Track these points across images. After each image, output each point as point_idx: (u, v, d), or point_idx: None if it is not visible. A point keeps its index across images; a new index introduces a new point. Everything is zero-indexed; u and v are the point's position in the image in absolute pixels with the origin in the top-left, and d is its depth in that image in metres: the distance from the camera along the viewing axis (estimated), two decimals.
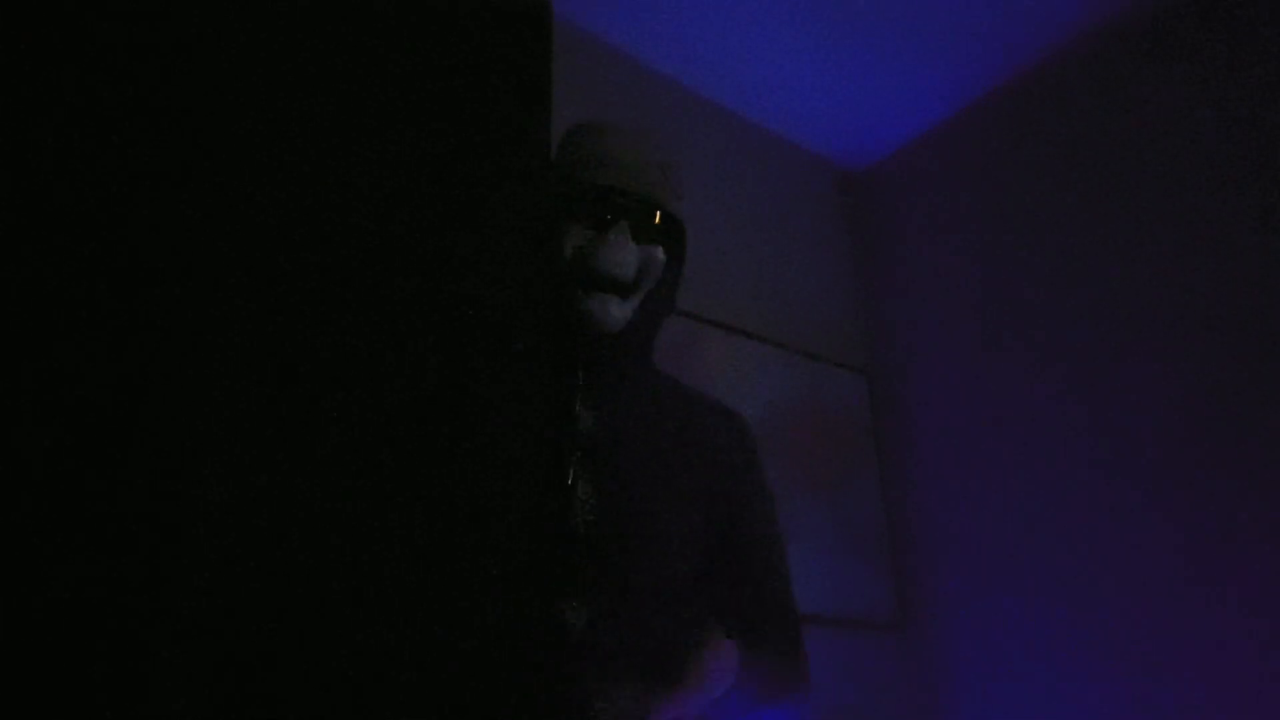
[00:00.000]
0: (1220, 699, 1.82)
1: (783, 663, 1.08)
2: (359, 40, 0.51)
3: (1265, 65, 2.03)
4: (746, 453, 1.15)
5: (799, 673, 1.10)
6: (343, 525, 0.43)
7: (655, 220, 1.07)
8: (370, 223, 0.49)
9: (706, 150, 2.56)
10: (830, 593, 2.29)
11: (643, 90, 2.48)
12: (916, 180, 2.75)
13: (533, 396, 0.51)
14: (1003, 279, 2.44)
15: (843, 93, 2.61)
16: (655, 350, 1.16)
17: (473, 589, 0.47)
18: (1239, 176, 2.03)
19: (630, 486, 1.02)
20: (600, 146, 1.07)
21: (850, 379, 2.63)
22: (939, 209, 2.66)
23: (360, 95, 0.50)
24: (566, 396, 1.05)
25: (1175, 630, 1.91)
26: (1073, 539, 2.13)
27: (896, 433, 2.59)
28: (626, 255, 1.03)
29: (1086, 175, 2.32)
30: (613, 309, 1.04)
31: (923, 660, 2.36)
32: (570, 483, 0.99)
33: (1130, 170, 2.23)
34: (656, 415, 1.11)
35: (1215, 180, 2.07)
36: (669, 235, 1.09)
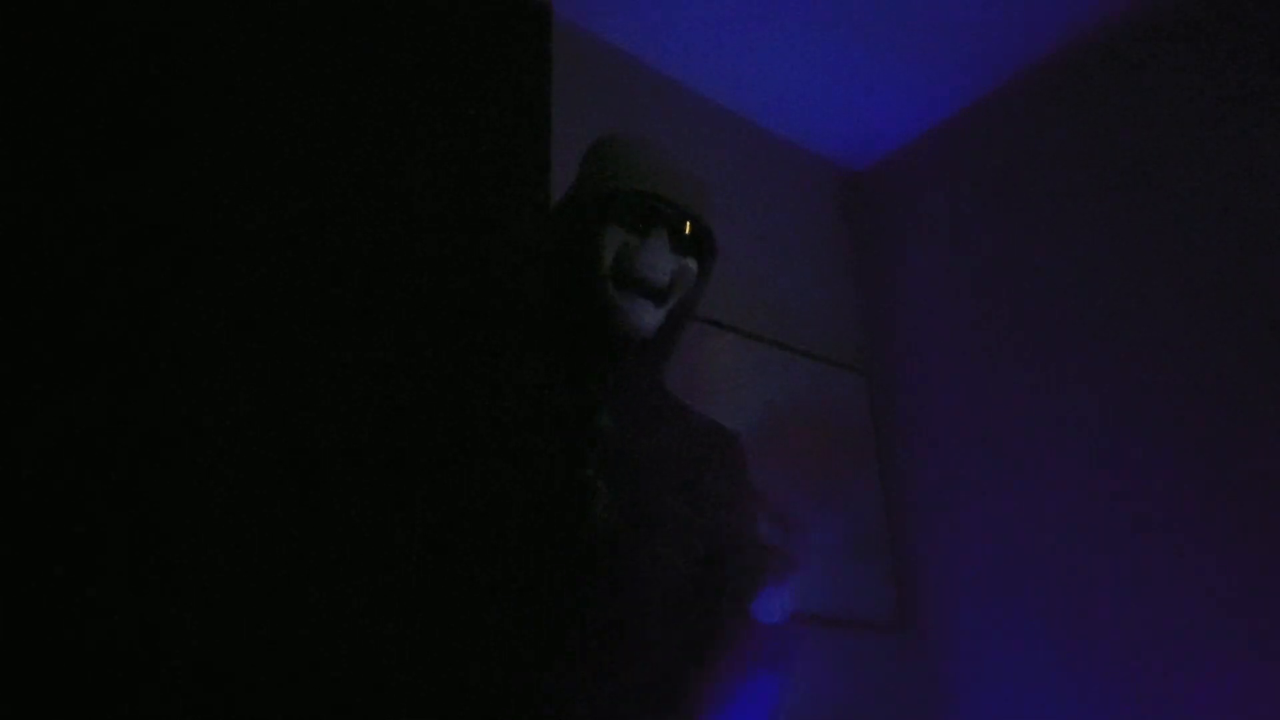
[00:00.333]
0: (1220, 698, 1.82)
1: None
2: (359, 40, 0.51)
3: (1266, 65, 2.03)
4: (740, 470, 1.21)
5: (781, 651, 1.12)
6: (343, 525, 0.43)
7: (692, 232, 1.10)
8: (370, 222, 0.49)
9: (707, 150, 2.56)
10: (830, 593, 2.29)
11: (643, 91, 2.48)
12: (916, 181, 2.75)
13: (531, 396, 0.51)
14: (1003, 279, 2.44)
15: (843, 93, 2.61)
16: (672, 362, 1.20)
17: (472, 589, 0.47)
18: (1240, 176, 2.03)
19: (643, 489, 1.05)
20: (644, 156, 1.10)
21: (850, 379, 2.63)
22: (939, 209, 2.66)
23: (360, 95, 0.50)
24: (591, 400, 1.07)
25: (1175, 630, 1.91)
26: (1073, 539, 2.13)
27: (896, 433, 2.59)
28: (665, 262, 1.06)
29: (1087, 175, 2.32)
30: (647, 314, 1.07)
31: (923, 660, 2.36)
32: (592, 483, 1.01)
33: (1132, 170, 2.23)
34: (664, 424, 1.15)
35: (1217, 180, 2.07)
36: (702, 249, 1.12)
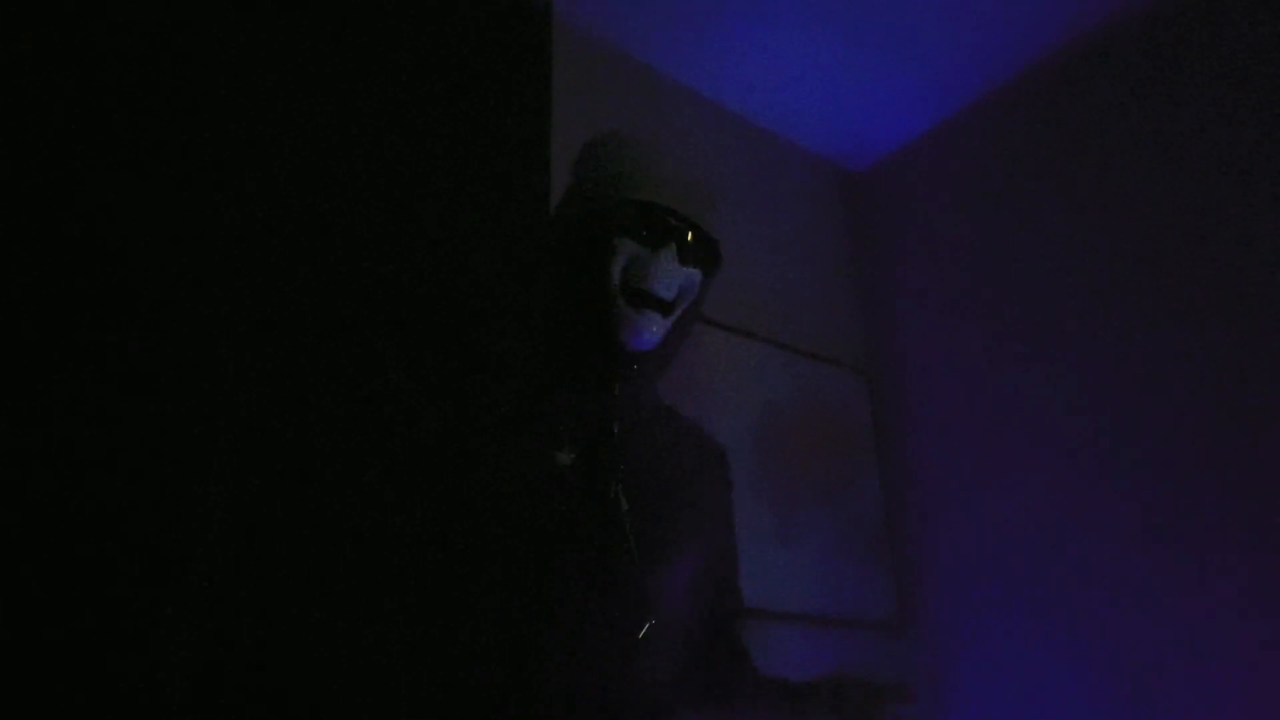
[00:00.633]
0: (1220, 698, 1.82)
1: (731, 666, 1.18)
2: (359, 40, 0.51)
3: (1266, 65, 2.03)
4: (725, 477, 1.26)
5: (743, 676, 1.19)
6: (341, 526, 0.43)
7: (700, 245, 1.11)
8: (370, 222, 0.49)
9: (707, 150, 2.56)
10: (830, 593, 2.29)
11: (643, 91, 2.48)
12: (917, 181, 2.75)
13: (530, 396, 0.51)
14: (1003, 279, 2.44)
15: (843, 93, 2.61)
16: (670, 370, 1.22)
17: (472, 589, 0.47)
18: (1240, 176, 2.03)
19: (653, 495, 1.08)
20: (652, 164, 1.10)
21: (850, 379, 2.63)
22: (939, 209, 2.66)
23: (360, 94, 0.50)
24: (605, 411, 1.08)
25: (1175, 630, 1.91)
26: (1073, 538, 2.13)
27: (896, 433, 2.59)
28: (674, 275, 1.07)
29: (1087, 175, 2.32)
30: (655, 325, 1.08)
31: (923, 660, 2.36)
32: (617, 498, 1.03)
33: (1131, 170, 2.23)
34: (662, 433, 1.18)
35: (1217, 180, 2.07)
36: (708, 261, 1.13)
